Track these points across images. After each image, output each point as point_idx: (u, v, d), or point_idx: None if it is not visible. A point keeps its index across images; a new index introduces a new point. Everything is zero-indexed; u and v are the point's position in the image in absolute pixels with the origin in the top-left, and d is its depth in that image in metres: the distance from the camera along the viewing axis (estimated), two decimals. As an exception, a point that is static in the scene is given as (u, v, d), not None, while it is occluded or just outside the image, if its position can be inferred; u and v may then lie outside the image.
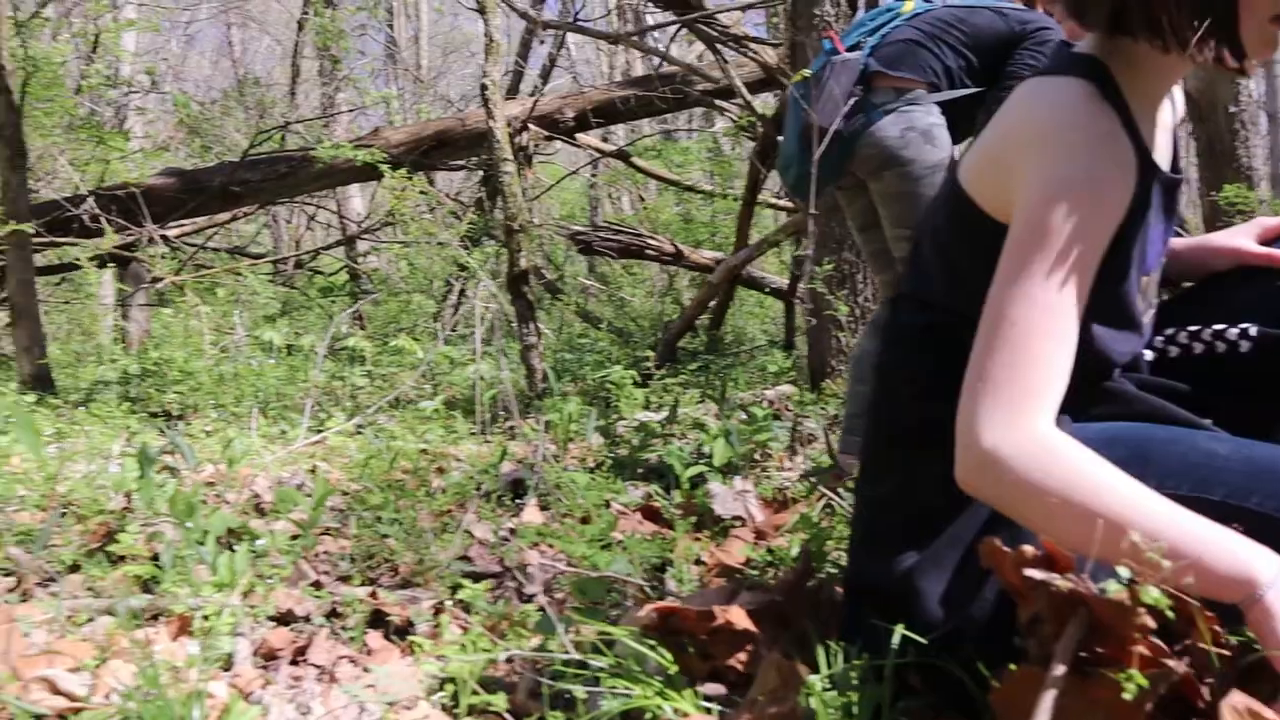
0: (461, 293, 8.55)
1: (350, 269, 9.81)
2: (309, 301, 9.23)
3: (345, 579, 2.46)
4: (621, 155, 9.43)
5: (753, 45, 5.56)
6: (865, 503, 1.53)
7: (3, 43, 6.17)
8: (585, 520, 2.61)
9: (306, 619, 2.17)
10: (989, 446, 1.19)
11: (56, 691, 1.81)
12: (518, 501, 3.01)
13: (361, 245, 10.39)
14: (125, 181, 8.39)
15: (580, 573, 2.08)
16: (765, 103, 8.27)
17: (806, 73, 3.26)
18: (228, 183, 8.82)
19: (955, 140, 3.11)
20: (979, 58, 3.07)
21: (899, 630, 1.29)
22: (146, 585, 2.33)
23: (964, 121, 3.10)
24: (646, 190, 11.90)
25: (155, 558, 2.36)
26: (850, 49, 3.14)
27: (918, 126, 2.98)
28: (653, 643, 1.37)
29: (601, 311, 8.74)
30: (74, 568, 2.48)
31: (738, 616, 1.32)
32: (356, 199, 12.18)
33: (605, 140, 10.57)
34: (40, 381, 6.11)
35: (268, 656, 1.98)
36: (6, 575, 2.43)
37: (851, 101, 2.99)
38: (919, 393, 1.43)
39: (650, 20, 11.82)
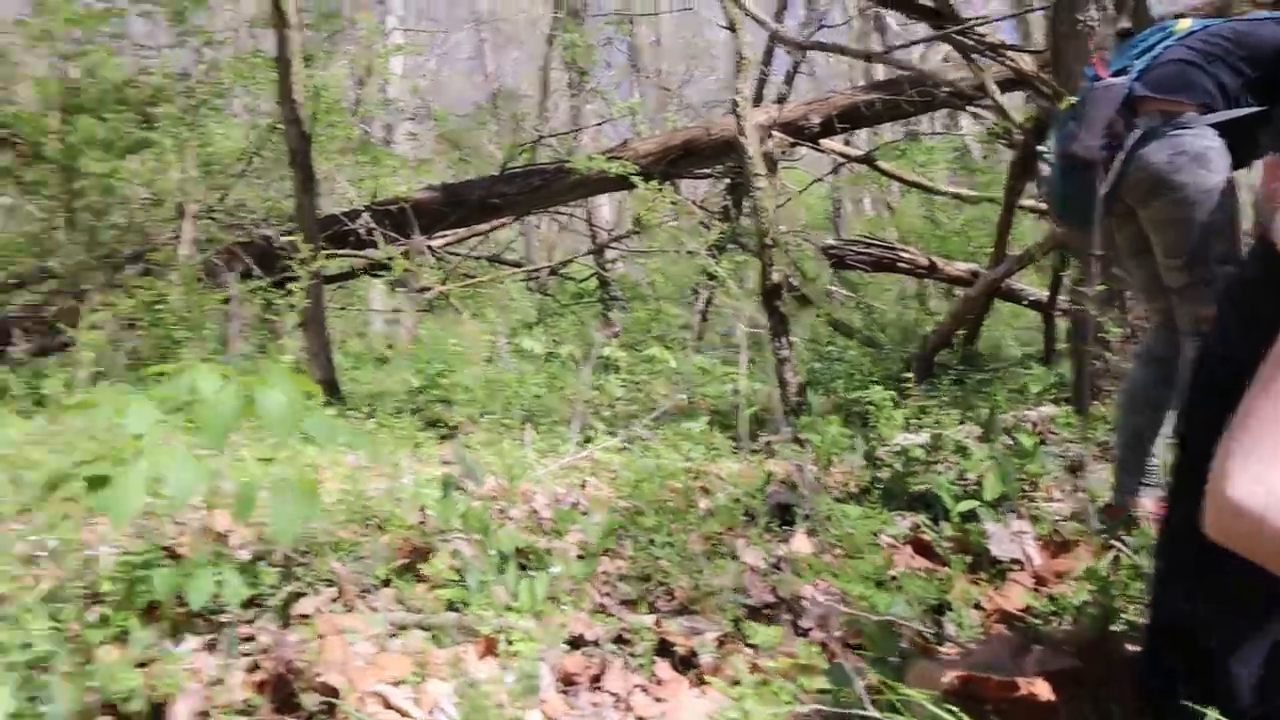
0: (709, 301, 8.69)
1: (600, 276, 10.15)
2: (562, 308, 9.62)
3: (628, 603, 2.59)
4: (867, 159, 9.35)
5: (1010, 54, 5.42)
6: (1164, 533, 1.54)
7: (295, 78, 6.71)
8: (856, 554, 2.65)
9: (596, 644, 2.32)
10: (1235, 497, 1.17)
11: (389, 706, 2.02)
12: (784, 527, 3.09)
13: (610, 252, 10.73)
14: (396, 196, 9.00)
15: (858, 614, 2.13)
16: (1016, 102, 8.01)
17: (1073, 99, 3.19)
18: (486, 196, 9.31)
19: (1240, 162, 2.96)
20: (1262, 72, 2.88)
21: (1211, 714, 1.29)
22: (450, 603, 2.54)
23: (1247, 142, 2.93)
24: (890, 193, 11.71)
25: (460, 576, 2.56)
26: (1117, 73, 3.04)
27: (1189, 150, 2.84)
28: (953, 708, 1.41)
29: (848, 318, 8.70)
30: (385, 581, 2.73)
31: (1042, 689, 1.35)
32: (605, 207, 12.58)
33: (847, 143, 10.50)
34: (328, 387, 6.63)
35: (567, 681, 2.13)
36: (329, 585, 2.70)
37: (1136, 133, 2.90)
38: (1217, 436, 1.41)
39: (893, 24, 11.65)
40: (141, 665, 2.05)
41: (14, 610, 2.12)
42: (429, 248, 9.21)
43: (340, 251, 8.88)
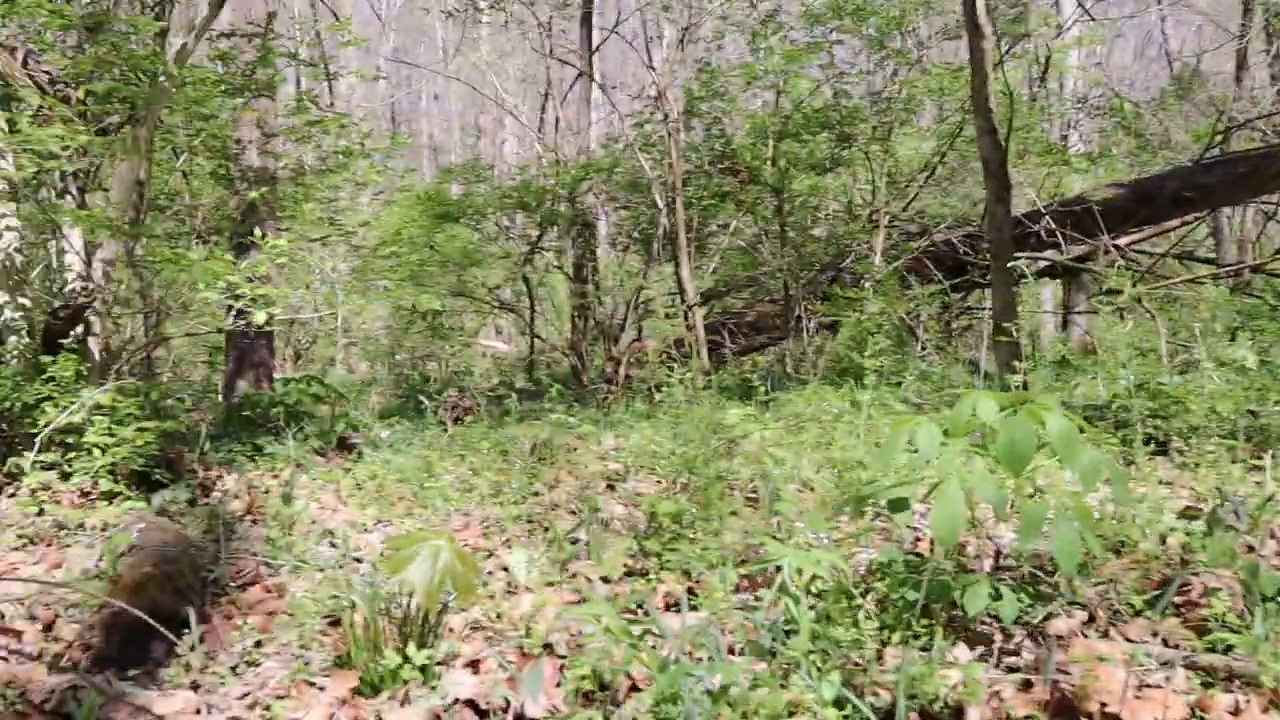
0: None
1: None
2: (1271, 311, 8.65)
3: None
4: None
5: None
6: None
7: (989, 88, 6.76)
8: None
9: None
10: None
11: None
12: None
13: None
14: (1080, 195, 8.74)
15: None
16: None
17: None
18: (1180, 189, 8.67)
19: None
20: None
21: None
22: (1212, 644, 2.45)
23: None
24: None
25: (1239, 618, 2.47)
26: None
27: None
28: None
29: None
30: (1136, 611, 2.70)
31: None
32: (1318, 192, 11.06)
33: None
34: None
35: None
36: (1079, 608, 2.74)
37: None
38: None
39: None
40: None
41: (824, 605, 2.46)
42: (1115, 247, 8.82)
43: (1021, 255, 8.83)
